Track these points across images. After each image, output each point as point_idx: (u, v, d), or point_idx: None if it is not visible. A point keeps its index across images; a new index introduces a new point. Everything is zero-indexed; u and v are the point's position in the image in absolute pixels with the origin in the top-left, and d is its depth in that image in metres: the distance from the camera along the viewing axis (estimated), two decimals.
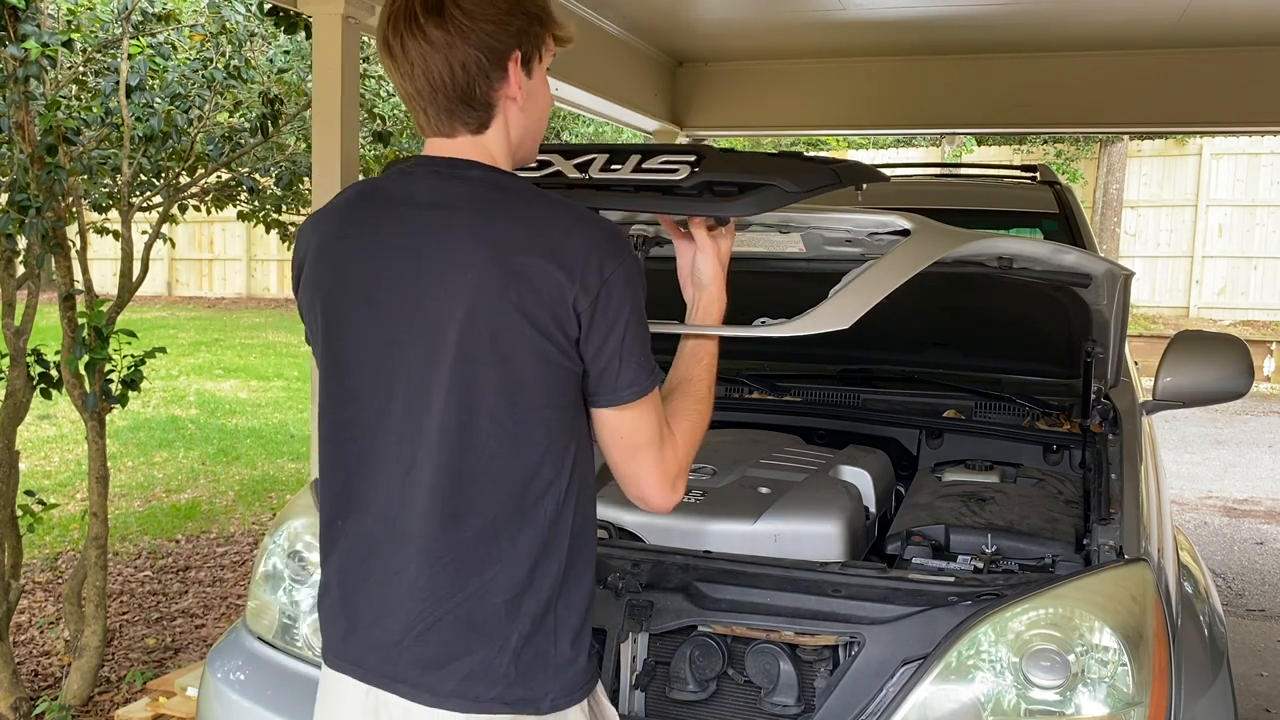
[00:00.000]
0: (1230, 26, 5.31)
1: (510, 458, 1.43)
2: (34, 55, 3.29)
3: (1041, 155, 16.47)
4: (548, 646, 1.46)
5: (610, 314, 1.40)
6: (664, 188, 1.68)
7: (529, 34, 1.47)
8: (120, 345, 3.61)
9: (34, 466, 7.15)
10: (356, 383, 1.49)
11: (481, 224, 1.42)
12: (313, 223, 1.57)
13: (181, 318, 17.38)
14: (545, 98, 1.55)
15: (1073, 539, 2.19)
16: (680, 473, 1.52)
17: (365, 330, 1.48)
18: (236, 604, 4.87)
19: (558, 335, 1.39)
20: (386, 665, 1.46)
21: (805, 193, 1.67)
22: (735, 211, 1.64)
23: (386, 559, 1.48)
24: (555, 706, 1.46)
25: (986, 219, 3.77)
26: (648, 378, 1.46)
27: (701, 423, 1.58)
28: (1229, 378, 2.65)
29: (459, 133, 1.48)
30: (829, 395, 2.98)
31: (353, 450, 1.51)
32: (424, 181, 1.47)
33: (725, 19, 5.67)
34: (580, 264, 1.39)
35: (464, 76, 1.43)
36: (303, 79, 4.81)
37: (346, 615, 1.51)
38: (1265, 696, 4.07)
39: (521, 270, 1.38)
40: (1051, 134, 15.25)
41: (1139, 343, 9.58)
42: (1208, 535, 6.47)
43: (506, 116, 1.49)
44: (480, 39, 1.42)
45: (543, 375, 1.41)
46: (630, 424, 1.47)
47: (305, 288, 1.55)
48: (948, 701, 1.76)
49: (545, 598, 1.45)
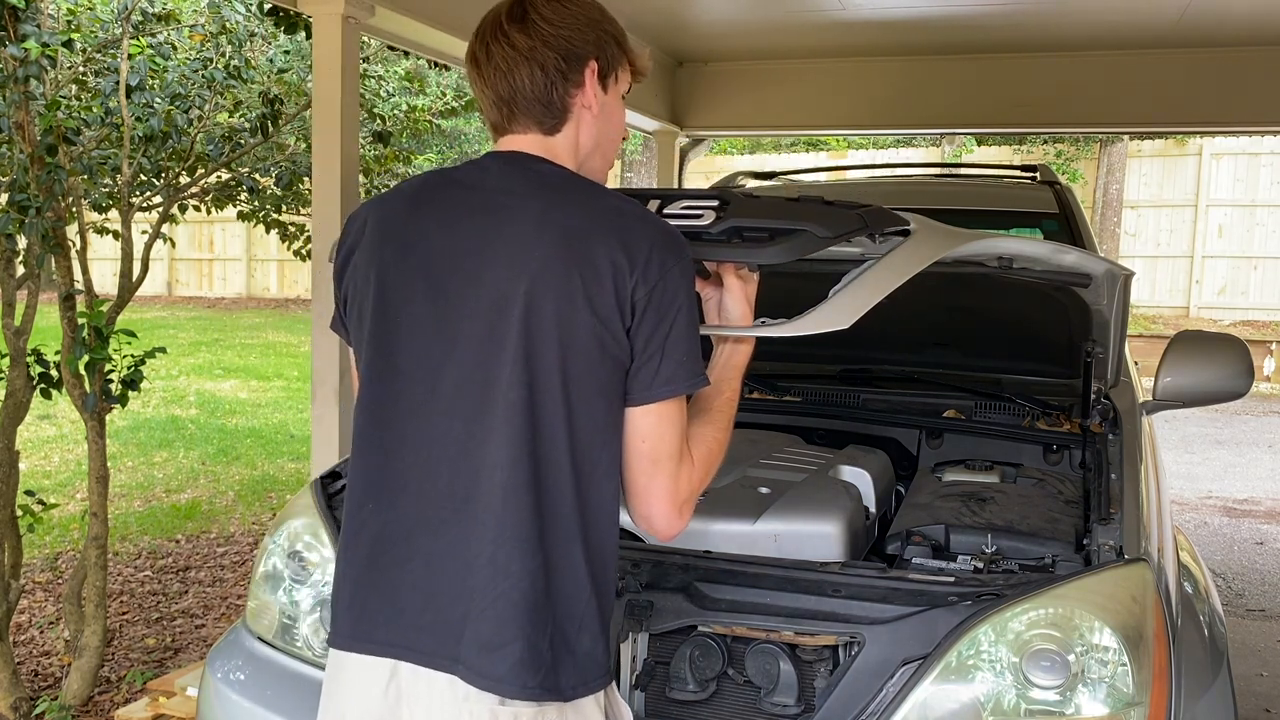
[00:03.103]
0: (1230, 26, 5.32)
1: (566, 441, 1.45)
2: (34, 55, 3.29)
3: (1041, 155, 16.47)
4: (573, 634, 1.47)
5: (663, 307, 1.46)
6: (691, 233, 1.69)
7: (606, 49, 1.58)
8: (120, 345, 3.61)
9: (34, 466, 7.15)
10: (405, 360, 1.52)
11: (549, 210, 1.48)
12: (373, 204, 1.62)
13: (181, 318, 17.38)
14: (619, 120, 1.63)
15: (1073, 539, 2.19)
16: (689, 499, 1.54)
17: (421, 308, 1.51)
18: (236, 604, 4.87)
19: (615, 322, 1.44)
20: (446, 645, 1.46)
21: (836, 238, 1.69)
22: (770, 258, 1.66)
23: (433, 538, 1.48)
24: (575, 694, 1.48)
25: (986, 219, 3.77)
26: (686, 379, 1.49)
27: (717, 453, 1.60)
28: (1229, 378, 2.65)
29: (532, 131, 1.57)
30: (829, 395, 2.98)
31: (395, 430, 1.52)
32: (494, 170, 1.55)
33: (725, 19, 5.67)
34: (644, 255, 1.45)
35: (543, 78, 1.54)
36: (303, 79, 4.81)
37: (385, 599, 1.50)
38: (1265, 696, 4.07)
39: (587, 255, 1.43)
40: (1051, 134, 15.26)
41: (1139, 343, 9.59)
42: (1208, 535, 6.47)
43: (580, 123, 1.58)
44: (559, 43, 1.53)
45: (596, 363, 1.45)
46: (656, 429, 1.49)
47: (358, 266, 1.58)
48: (948, 701, 1.75)
49: (579, 586, 1.47)
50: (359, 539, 1.54)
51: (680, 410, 1.51)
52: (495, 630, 1.44)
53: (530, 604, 1.44)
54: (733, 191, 1.80)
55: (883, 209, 1.84)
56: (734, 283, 1.71)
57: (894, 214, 1.85)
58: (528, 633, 1.43)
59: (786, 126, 7.45)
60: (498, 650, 1.44)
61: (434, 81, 8.67)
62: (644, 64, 1.65)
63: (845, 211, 1.74)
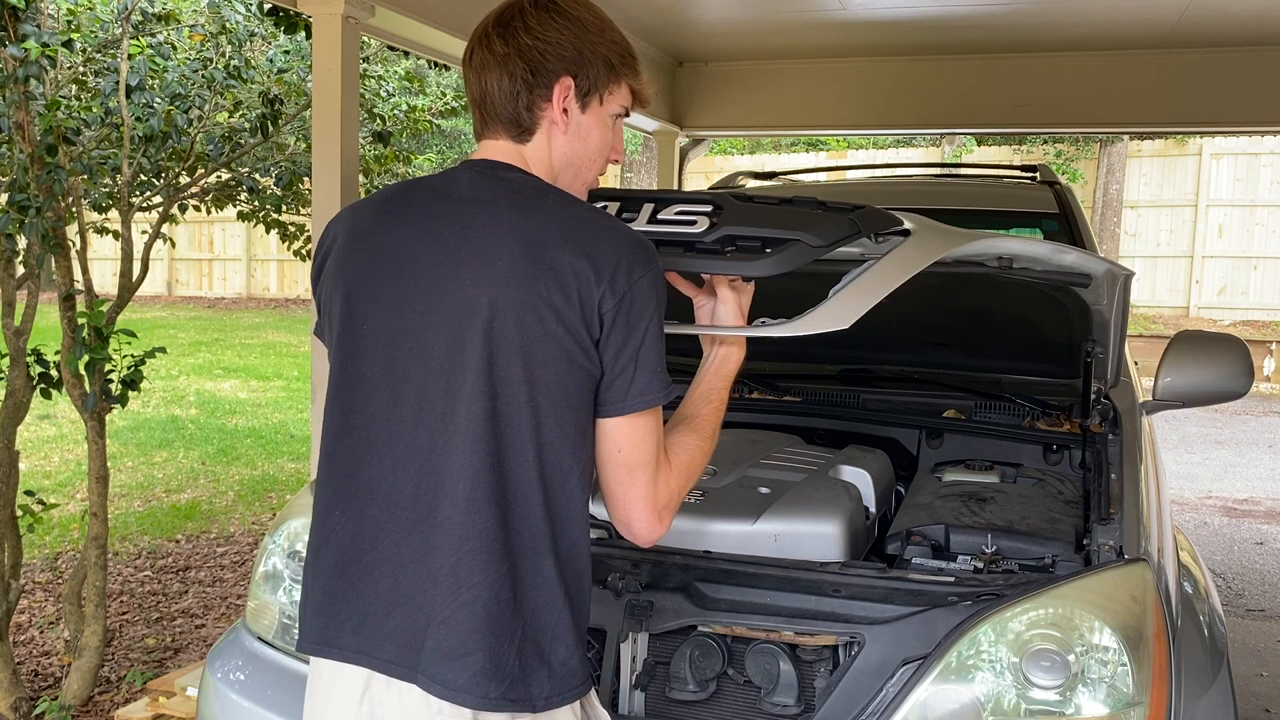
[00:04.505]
0: (1230, 26, 5.32)
1: (534, 451, 1.45)
2: (34, 55, 3.29)
3: (1041, 155, 16.47)
4: (546, 644, 1.46)
5: (632, 319, 1.44)
6: (685, 242, 1.67)
7: (590, 69, 1.56)
8: (120, 345, 3.61)
9: (34, 466, 7.15)
10: (370, 367, 1.51)
11: (516, 219, 1.47)
12: (346, 213, 1.63)
13: (181, 318, 17.38)
14: (598, 141, 1.61)
15: (1073, 539, 2.19)
16: (669, 505, 1.54)
17: (386, 315, 1.51)
18: (236, 604, 4.87)
19: (582, 334, 1.43)
20: (406, 655, 1.46)
21: (829, 246, 1.68)
22: (761, 271, 1.65)
23: (399, 546, 1.48)
24: (548, 705, 1.47)
25: (986, 219, 3.77)
26: (660, 389, 1.48)
27: (700, 460, 1.60)
28: (1229, 378, 2.65)
29: (503, 137, 1.57)
30: (829, 395, 2.98)
31: (362, 437, 1.52)
32: (464, 178, 1.55)
33: (725, 19, 5.67)
34: (610, 266, 1.43)
35: (510, 86, 1.54)
36: (303, 79, 4.81)
37: (353, 606, 1.51)
38: (1265, 696, 4.07)
39: (553, 265, 1.43)
40: (1051, 134, 15.26)
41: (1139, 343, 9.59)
42: (1208, 535, 6.47)
43: (550, 137, 1.57)
44: (532, 54, 1.53)
45: (564, 374, 1.44)
46: (631, 438, 1.49)
47: (329, 274, 1.58)
48: (948, 701, 1.75)
49: (551, 596, 1.46)
50: (328, 546, 1.54)
51: (655, 418, 1.51)
52: (457, 640, 1.43)
53: (493, 614, 1.43)
54: (726, 195, 1.78)
55: (876, 210, 1.84)
56: (727, 294, 1.71)
57: (888, 214, 1.85)
58: (490, 643, 1.43)
59: (786, 126, 7.45)
60: (459, 660, 1.43)
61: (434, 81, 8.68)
62: (644, 93, 1.64)
63: (838, 216, 1.74)
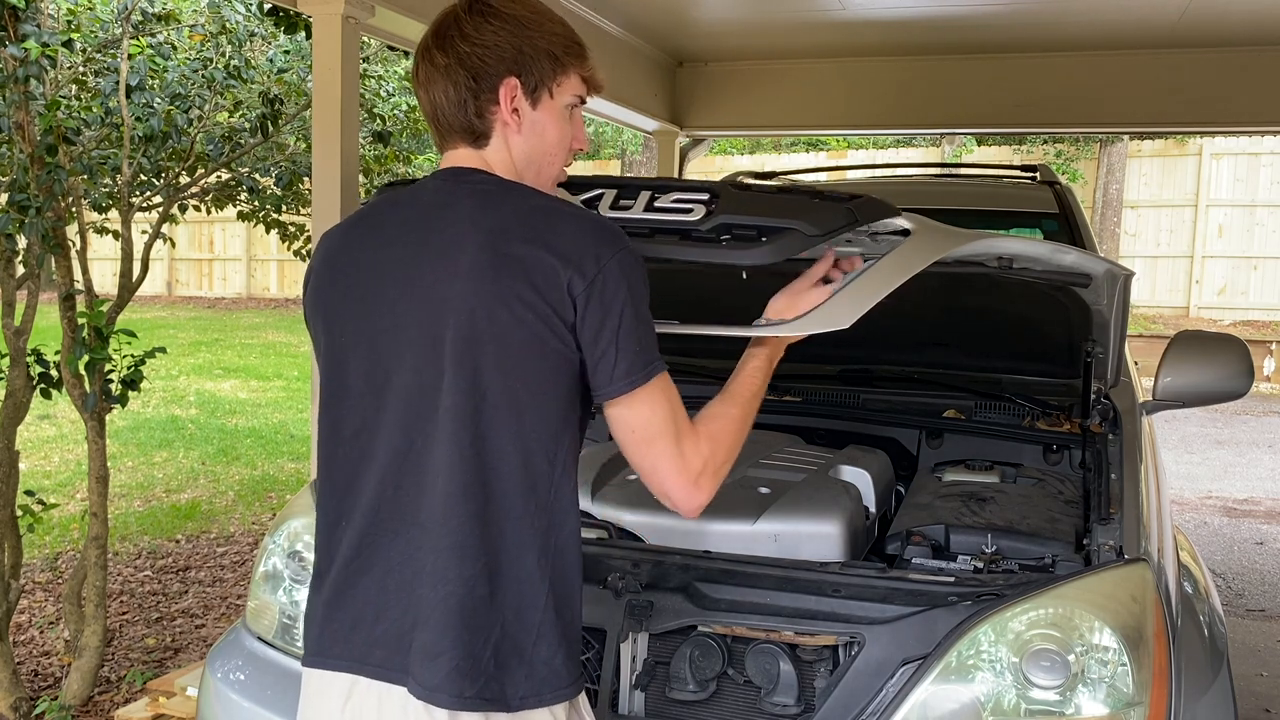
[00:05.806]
0: (1230, 26, 5.31)
1: (517, 443, 1.45)
2: (34, 55, 3.29)
3: (1041, 155, 16.47)
4: (527, 643, 1.45)
5: (606, 300, 1.43)
6: (680, 230, 1.67)
7: (532, 65, 1.55)
8: (120, 345, 3.61)
9: (34, 466, 7.15)
10: (353, 379, 1.53)
11: (477, 214, 1.48)
12: (323, 239, 1.65)
13: (181, 318, 17.38)
14: (556, 133, 1.60)
15: (1073, 539, 2.19)
16: (705, 471, 1.51)
17: (361, 326, 1.52)
18: (236, 604, 4.87)
19: (554, 320, 1.42)
20: (395, 658, 1.46)
21: (825, 235, 1.67)
22: (755, 260, 1.65)
23: (387, 550, 1.48)
24: (523, 705, 1.45)
25: (986, 219, 3.77)
26: (643, 368, 1.47)
27: (731, 428, 1.58)
28: (1229, 378, 2.65)
29: (462, 145, 1.57)
30: (829, 395, 2.98)
31: (353, 450, 1.53)
32: (430, 186, 1.56)
33: (725, 19, 5.67)
34: (575, 252, 1.43)
35: (456, 95, 1.54)
36: (303, 79, 4.81)
37: (345, 615, 1.51)
38: (1265, 696, 4.07)
39: (516, 256, 1.43)
40: (1051, 134, 15.25)
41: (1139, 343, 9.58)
42: (1208, 535, 6.47)
43: (506, 139, 1.57)
44: (471, 61, 1.53)
45: (539, 362, 1.44)
46: (638, 416, 1.48)
47: (309, 302, 1.61)
48: (948, 701, 1.75)
49: (533, 593, 1.46)
50: (331, 561, 1.54)
51: (655, 391, 1.48)
52: (435, 638, 1.43)
53: (468, 611, 1.43)
54: (723, 184, 1.77)
55: (873, 199, 1.82)
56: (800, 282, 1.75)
57: (885, 204, 1.83)
58: (465, 640, 1.42)
59: (786, 126, 7.45)
60: (436, 658, 1.43)
61: None
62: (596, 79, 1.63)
63: (835, 205, 1.73)
